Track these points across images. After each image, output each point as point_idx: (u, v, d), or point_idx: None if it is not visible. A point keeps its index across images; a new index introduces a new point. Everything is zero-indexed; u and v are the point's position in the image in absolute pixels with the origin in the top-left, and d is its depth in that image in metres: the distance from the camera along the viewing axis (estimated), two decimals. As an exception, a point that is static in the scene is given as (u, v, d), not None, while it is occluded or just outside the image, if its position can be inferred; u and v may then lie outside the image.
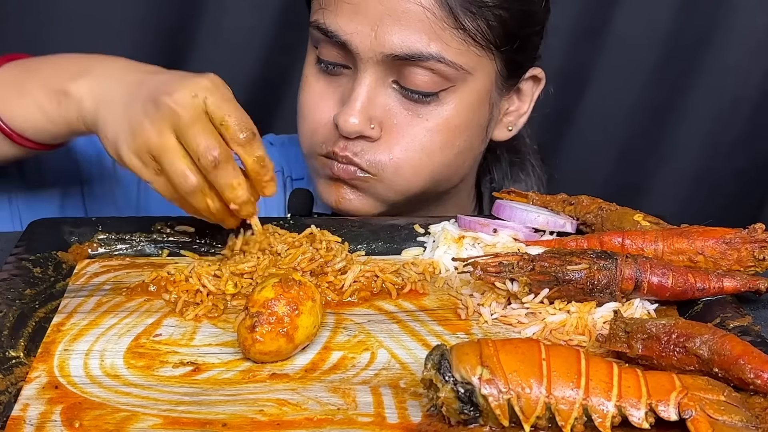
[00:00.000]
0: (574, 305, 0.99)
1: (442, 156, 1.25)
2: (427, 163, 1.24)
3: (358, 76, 1.22)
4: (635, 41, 1.98)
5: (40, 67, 1.17)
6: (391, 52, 1.19)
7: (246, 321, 0.90)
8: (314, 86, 1.27)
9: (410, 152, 1.23)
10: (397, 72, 1.21)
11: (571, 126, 2.07)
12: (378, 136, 1.23)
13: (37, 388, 0.86)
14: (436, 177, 1.27)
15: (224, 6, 1.92)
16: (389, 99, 1.22)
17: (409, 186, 1.26)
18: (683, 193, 2.09)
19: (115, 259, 1.12)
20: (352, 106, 1.21)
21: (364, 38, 1.19)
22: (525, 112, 1.36)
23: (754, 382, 0.82)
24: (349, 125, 1.20)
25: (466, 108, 1.24)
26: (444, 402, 0.79)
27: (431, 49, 1.18)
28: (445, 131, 1.24)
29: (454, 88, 1.22)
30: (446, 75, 1.20)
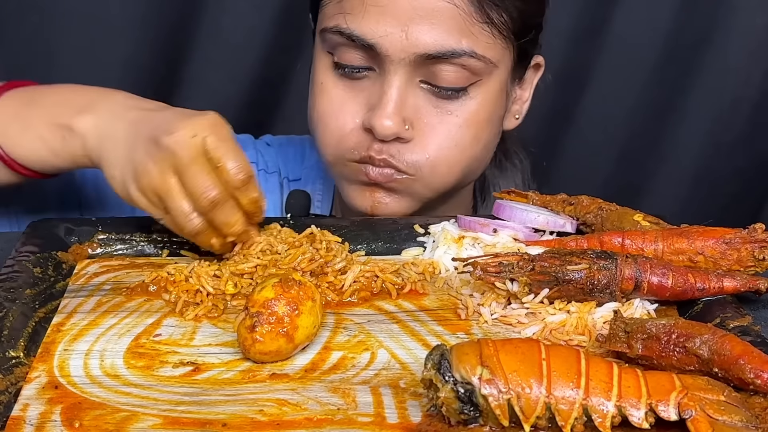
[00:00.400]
0: (574, 305, 0.99)
1: (473, 150, 1.26)
2: (460, 159, 1.25)
3: (388, 78, 1.21)
4: (635, 41, 1.98)
5: (43, 100, 1.18)
6: (425, 52, 1.18)
7: (246, 321, 0.90)
8: (333, 93, 1.26)
9: (445, 150, 1.24)
10: (426, 71, 1.21)
11: (571, 126, 2.07)
12: (412, 137, 1.23)
13: (37, 388, 0.86)
14: (465, 171, 1.28)
15: (224, 6, 1.92)
16: (418, 99, 1.23)
17: (445, 182, 1.26)
18: (683, 193, 2.09)
19: (115, 259, 1.12)
20: (385, 109, 1.20)
21: (394, 40, 1.18)
22: (527, 99, 1.38)
23: (754, 382, 0.82)
24: (386, 128, 1.20)
25: (491, 100, 1.25)
26: (444, 402, 0.79)
27: (463, 45, 1.19)
28: (474, 125, 1.25)
29: (481, 81, 1.23)
30: (475, 69, 1.21)
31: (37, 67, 1.92)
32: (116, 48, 1.92)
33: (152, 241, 1.14)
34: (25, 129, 1.15)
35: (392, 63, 1.20)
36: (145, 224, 1.15)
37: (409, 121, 1.22)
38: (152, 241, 1.14)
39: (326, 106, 1.26)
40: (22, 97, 1.18)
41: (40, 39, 1.90)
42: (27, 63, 1.92)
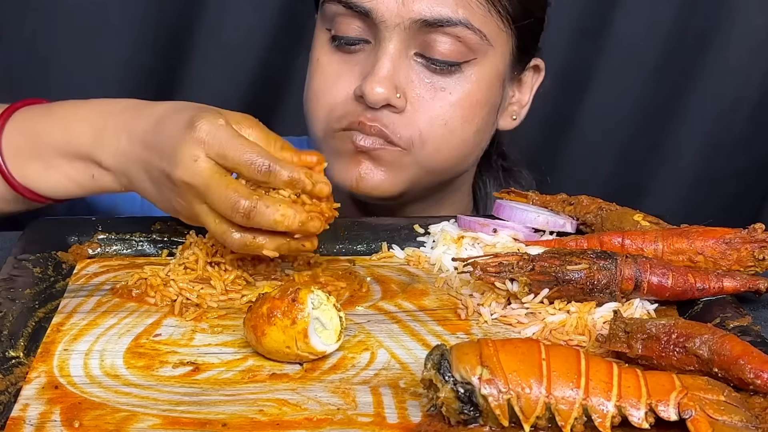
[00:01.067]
0: (573, 305, 0.99)
1: (463, 132, 1.25)
2: (449, 139, 1.24)
3: (382, 46, 1.20)
4: (635, 42, 1.98)
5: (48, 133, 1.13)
6: (420, 17, 1.18)
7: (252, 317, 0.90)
8: (328, 67, 1.25)
9: (435, 126, 1.23)
10: (420, 42, 1.20)
11: (571, 126, 2.07)
12: (403, 106, 1.21)
13: (36, 388, 0.86)
14: (455, 154, 1.27)
15: (224, 6, 1.92)
16: (412, 71, 1.22)
17: (434, 160, 1.25)
18: (683, 193, 2.09)
19: (115, 259, 1.12)
20: (377, 74, 1.19)
21: (390, 5, 1.18)
22: (526, 104, 1.37)
23: (754, 382, 0.82)
24: (376, 94, 1.19)
25: (486, 83, 1.25)
26: (444, 402, 0.79)
27: (459, 14, 1.19)
28: (467, 106, 1.24)
29: (476, 61, 1.23)
30: (470, 44, 1.21)
31: (37, 67, 1.92)
32: (116, 48, 1.92)
33: (152, 241, 1.14)
34: (46, 168, 1.13)
35: (387, 29, 1.19)
36: (144, 224, 1.15)
37: (401, 90, 1.21)
38: (152, 241, 1.14)
39: (320, 81, 1.26)
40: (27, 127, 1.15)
41: (40, 39, 1.90)
42: (27, 63, 1.92)
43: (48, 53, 1.91)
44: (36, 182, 1.15)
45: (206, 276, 1.03)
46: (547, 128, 2.05)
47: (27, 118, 1.16)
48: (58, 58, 1.92)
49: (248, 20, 1.94)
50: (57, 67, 1.92)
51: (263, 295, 0.91)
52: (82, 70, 1.93)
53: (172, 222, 1.15)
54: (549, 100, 1.99)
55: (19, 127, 1.15)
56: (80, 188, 1.14)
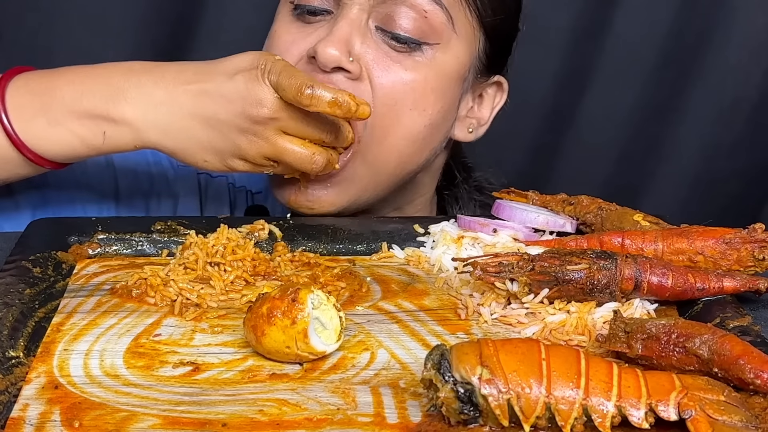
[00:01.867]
0: (573, 305, 0.99)
1: (411, 120, 1.19)
2: (395, 124, 1.18)
3: (341, 12, 1.17)
4: (635, 41, 1.98)
5: (57, 90, 1.11)
6: None
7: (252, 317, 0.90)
8: (284, 35, 1.21)
9: (383, 106, 1.17)
10: (383, 16, 1.16)
11: (571, 126, 2.07)
12: (357, 72, 1.16)
13: (36, 388, 0.86)
14: (402, 146, 1.20)
15: (224, 6, 1.92)
16: (369, 43, 1.17)
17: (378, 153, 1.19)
18: (683, 193, 2.09)
19: (115, 259, 1.12)
20: (333, 35, 1.15)
21: None
22: (486, 122, 1.32)
23: (754, 382, 0.82)
24: (328, 54, 1.14)
25: (444, 73, 1.20)
26: (444, 402, 0.79)
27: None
28: (419, 90, 1.18)
29: (438, 46, 1.18)
30: (435, 24, 1.17)
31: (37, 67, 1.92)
32: (116, 48, 1.92)
33: (152, 241, 1.14)
34: (52, 126, 1.10)
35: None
36: (144, 224, 1.15)
37: (355, 56, 1.16)
38: (152, 241, 1.14)
39: (274, 45, 1.22)
40: (30, 87, 1.12)
41: (40, 39, 1.90)
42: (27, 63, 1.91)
43: (48, 53, 1.91)
44: (39, 139, 1.11)
45: (206, 276, 1.03)
46: (547, 128, 2.05)
47: (32, 78, 1.14)
48: (58, 58, 1.91)
49: (248, 20, 1.94)
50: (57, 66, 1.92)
51: (263, 295, 0.91)
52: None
53: (172, 222, 1.16)
54: (549, 100, 2.00)
55: (24, 86, 1.13)
56: (86, 146, 1.12)
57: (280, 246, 1.10)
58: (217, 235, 1.06)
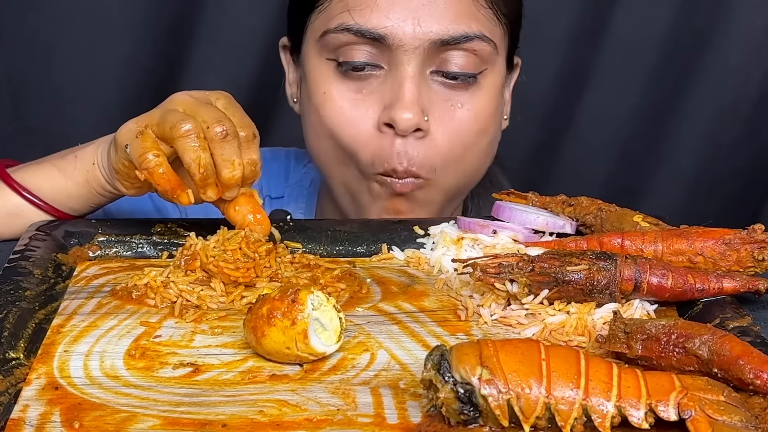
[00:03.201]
0: (573, 306, 0.99)
1: (478, 146, 1.26)
2: (465, 155, 1.25)
3: (401, 70, 1.20)
4: (635, 41, 1.98)
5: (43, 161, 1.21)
6: (438, 38, 1.18)
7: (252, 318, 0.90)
8: (339, 99, 1.22)
9: (454, 145, 1.24)
10: (437, 60, 1.21)
11: (571, 126, 2.07)
12: (428, 128, 1.22)
13: (37, 389, 0.86)
14: (470, 170, 1.27)
15: (224, 6, 1.92)
16: (431, 91, 1.22)
17: (452, 182, 1.26)
18: (683, 194, 2.09)
19: (115, 261, 1.12)
20: (404, 100, 1.19)
21: (407, 28, 1.18)
22: (508, 100, 1.37)
23: (754, 382, 0.82)
24: (406, 121, 1.19)
25: (496, 92, 1.26)
26: (444, 402, 0.79)
27: (473, 28, 1.20)
28: (483, 119, 1.25)
29: (488, 71, 1.24)
30: (484, 55, 1.22)
31: (37, 67, 1.92)
32: (116, 48, 1.93)
33: (152, 243, 1.14)
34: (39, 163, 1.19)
35: (405, 53, 1.18)
36: (144, 226, 1.15)
37: (426, 112, 1.21)
38: (152, 243, 1.14)
39: (336, 113, 1.23)
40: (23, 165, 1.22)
41: (40, 39, 1.90)
42: (27, 63, 1.92)
43: (48, 53, 1.92)
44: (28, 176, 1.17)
45: (206, 278, 1.03)
46: (547, 128, 2.05)
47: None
48: (58, 58, 1.92)
49: (248, 20, 1.94)
50: (57, 67, 1.93)
51: (263, 296, 0.91)
52: (82, 70, 1.93)
53: (172, 224, 1.16)
54: (549, 99, 2.00)
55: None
56: (62, 174, 1.16)
57: (280, 248, 1.10)
58: (218, 237, 1.06)
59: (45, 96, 1.96)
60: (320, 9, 1.23)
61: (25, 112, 1.96)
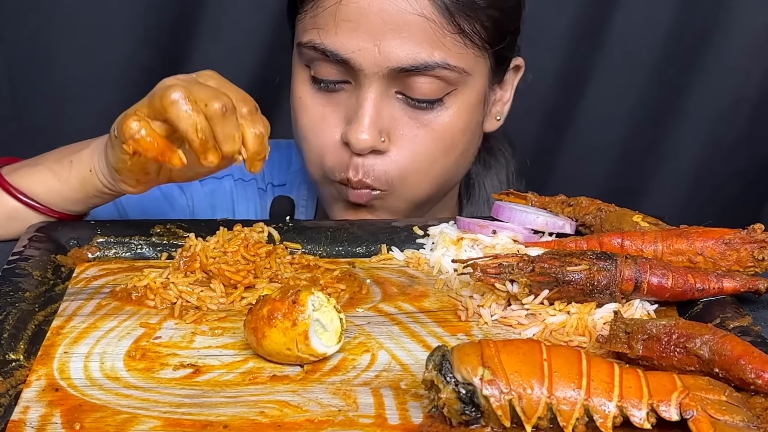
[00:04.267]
0: (574, 306, 0.99)
1: (445, 160, 1.27)
2: (429, 170, 1.26)
3: (363, 92, 1.22)
4: (635, 41, 1.98)
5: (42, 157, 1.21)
6: (397, 66, 1.19)
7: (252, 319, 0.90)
8: (312, 108, 1.27)
9: (415, 163, 1.25)
10: (401, 83, 1.21)
11: (571, 126, 2.07)
12: (387, 148, 1.24)
13: (37, 391, 0.86)
14: (439, 181, 1.28)
15: (224, 6, 1.92)
16: (394, 110, 1.23)
17: (416, 194, 1.27)
18: (683, 194, 2.09)
19: (114, 263, 1.12)
20: (361, 123, 1.21)
21: (367, 54, 1.19)
22: (508, 100, 1.37)
23: (755, 382, 0.82)
24: (361, 142, 1.21)
25: (466, 110, 1.26)
26: (445, 403, 0.79)
27: (435, 57, 1.19)
28: (449, 137, 1.25)
29: (456, 91, 1.23)
30: (449, 80, 1.22)
31: (37, 67, 1.92)
32: (116, 48, 1.92)
33: (151, 245, 1.14)
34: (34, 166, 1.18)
35: (366, 77, 1.20)
36: (144, 227, 1.15)
37: (385, 132, 1.23)
38: (151, 245, 1.14)
39: (306, 121, 1.27)
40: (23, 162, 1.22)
41: (40, 39, 1.90)
42: (27, 63, 1.92)
43: (48, 53, 1.91)
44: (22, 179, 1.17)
45: (206, 279, 1.03)
46: (547, 128, 2.05)
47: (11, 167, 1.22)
48: (58, 58, 1.92)
49: (248, 20, 1.94)
50: (57, 67, 1.93)
51: (263, 297, 0.91)
52: (82, 70, 1.93)
53: (171, 225, 1.15)
54: (549, 99, 2.00)
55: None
56: (57, 179, 1.16)
57: (280, 248, 1.10)
58: (217, 238, 1.06)
59: (45, 96, 1.96)
60: (299, 18, 1.26)
61: (25, 112, 1.96)
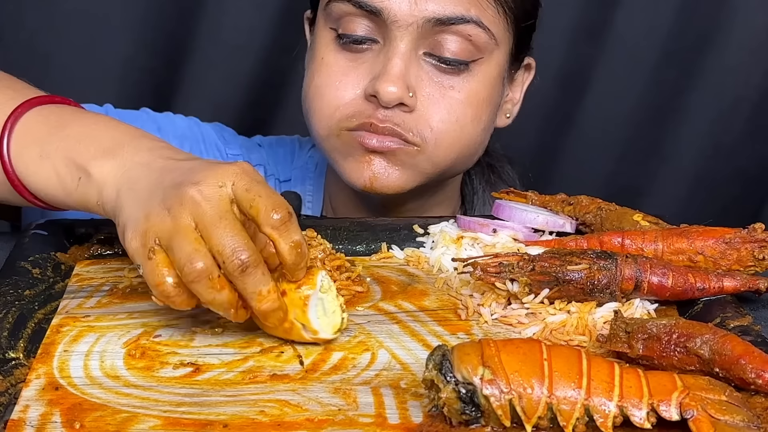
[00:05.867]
0: (574, 305, 0.99)
1: (473, 129, 1.26)
2: (460, 136, 1.25)
3: (393, 45, 1.21)
4: (635, 41, 1.98)
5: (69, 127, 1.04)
6: (433, 16, 1.19)
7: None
8: (334, 66, 1.25)
9: (447, 124, 1.24)
10: (430, 42, 1.21)
11: (571, 126, 2.07)
12: (415, 105, 1.22)
13: (37, 390, 0.85)
14: (464, 152, 1.28)
15: (224, 6, 1.92)
16: (421, 71, 1.23)
17: (446, 158, 1.26)
18: (683, 193, 2.09)
19: (114, 261, 1.12)
20: (391, 73, 1.20)
21: (403, 5, 1.19)
22: (518, 102, 1.38)
23: (755, 381, 0.82)
24: (389, 93, 1.19)
25: (490, 82, 1.26)
26: (445, 402, 0.79)
27: (471, 13, 1.20)
28: (475, 104, 1.25)
29: (482, 60, 1.24)
30: (479, 44, 1.22)
31: (37, 67, 1.92)
32: (116, 48, 1.92)
33: (152, 242, 1.14)
34: (42, 157, 1.03)
35: (399, 29, 1.20)
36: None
37: (412, 89, 1.22)
38: (152, 242, 1.14)
39: (325, 78, 1.25)
40: (50, 120, 1.05)
41: (40, 39, 1.90)
42: (27, 63, 1.92)
43: (48, 53, 1.91)
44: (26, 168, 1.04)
45: None
46: (547, 128, 2.05)
47: (56, 111, 1.07)
48: (58, 58, 1.92)
49: (248, 20, 1.94)
50: (57, 67, 1.92)
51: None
52: (82, 70, 1.93)
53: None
54: (549, 99, 2.00)
55: (47, 115, 1.06)
56: (61, 187, 1.02)
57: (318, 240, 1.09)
58: None
59: (45, 95, 1.96)
60: None
61: (25, 112, 1.96)
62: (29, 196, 1.05)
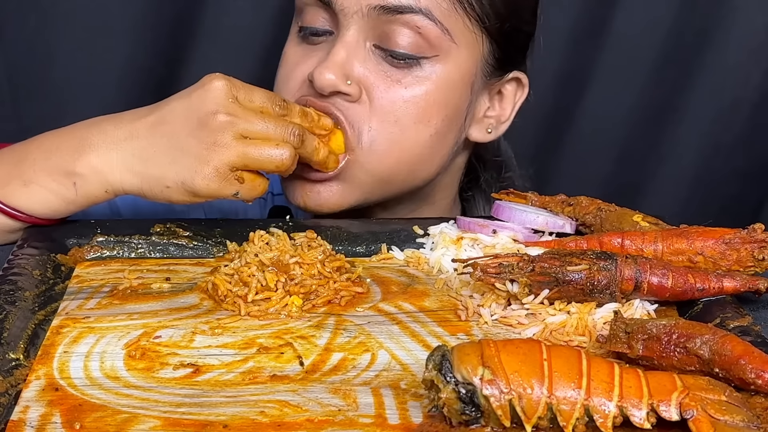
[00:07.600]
0: (574, 306, 0.99)
1: (416, 133, 1.20)
2: (399, 139, 1.19)
3: (340, 34, 1.19)
4: (635, 41, 1.98)
5: (29, 154, 1.11)
6: (378, 3, 1.16)
7: None
8: (291, 58, 1.25)
9: (385, 124, 1.19)
10: (379, 33, 1.17)
11: (571, 126, 2.07)
12: (357, 94, 1.18)
13: (37, 390, 0.86)
14: (406, 158, 1.21)
15: (224, 6, 1.92)
16: (368, 61, 1.19)
17: (382, 164, 1.20)
18: (683, 194, 2.09)
19: (114, 262, 1.12)
20: (330, 60, 1.17)
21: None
22: (507, 120, 1.32)
23: (755, 382, 0.82)
24: (324, 79, 1.16)
25: (446, 84, 1.20)
26: (445, 403, 0.79)
27: (420, 3, 1.16)
28: (422, 105, 1.19)
29: (437, 58, 1.19)
30: (431, 39, 1.17)
31: (37, 67, 1.92)
32: (116, 48, 1.92)
33: (151, 244, 1.14)
34: (25, 184, 1.09)
35: (345, 17, 1.17)
36: (144, 227, 1.15)
37: (354, 79, 1.18)
38: (151, 244, 1.14)
39: (281, 70, 1.26)
40: (5, 159, 1.13)
41: (40, 39, 1.90)
42: (27, 63, 1.92)
43: (48, 53, 1.91)
44: (17, 198, 1.10)
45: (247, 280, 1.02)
46: (547, 128, 2.05)
47: (4, 153, 1.14)
48: (58, 58, 1.92)
49: (248, 20, 1.94)
50: (57, 67, 1.92)
51: None
52: (82, 70, 1.93)
53: (171, 224, 1.15)
54: (548, 99, 2.00)
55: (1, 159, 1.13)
56: (61, 200, 1.10)
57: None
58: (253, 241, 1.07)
59: (45, 96, 1.96)
60: None
61: (25, 112, 1.96)
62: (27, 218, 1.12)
